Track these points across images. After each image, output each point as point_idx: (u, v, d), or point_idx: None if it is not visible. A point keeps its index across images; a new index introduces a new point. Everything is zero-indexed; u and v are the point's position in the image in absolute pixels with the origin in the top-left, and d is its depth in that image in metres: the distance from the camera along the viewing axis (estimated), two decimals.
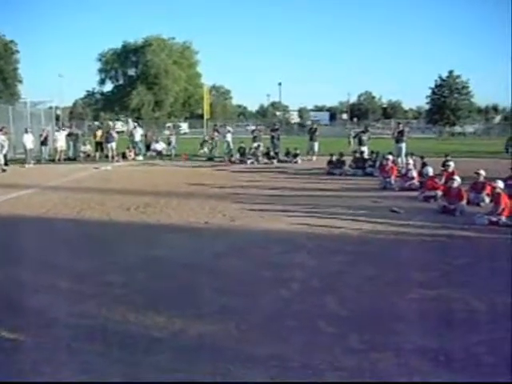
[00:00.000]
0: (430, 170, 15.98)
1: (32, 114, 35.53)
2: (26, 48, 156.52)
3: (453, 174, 15.45)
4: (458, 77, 76.17)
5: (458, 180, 13.66)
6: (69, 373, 4.84)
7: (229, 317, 6.13)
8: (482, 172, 14.52)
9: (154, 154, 30.84)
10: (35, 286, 7.35)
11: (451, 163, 16.96)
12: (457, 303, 6.57)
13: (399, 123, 28.73)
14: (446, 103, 74.12)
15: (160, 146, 31.40)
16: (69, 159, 29.52)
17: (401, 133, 24.48)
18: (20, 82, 72.63)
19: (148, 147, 31.68)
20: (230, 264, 8.43)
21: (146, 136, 32.42)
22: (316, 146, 29.00)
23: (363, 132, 27.43)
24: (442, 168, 17.05)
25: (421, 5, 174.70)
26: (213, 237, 10.47)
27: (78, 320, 6.05)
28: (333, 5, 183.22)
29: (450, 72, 76.52)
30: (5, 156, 25.04)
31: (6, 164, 24.80)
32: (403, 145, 23.87)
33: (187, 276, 7.81)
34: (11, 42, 69.83)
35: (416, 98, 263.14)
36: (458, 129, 71.70)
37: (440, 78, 76.79)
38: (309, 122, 63.13)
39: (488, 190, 13.74)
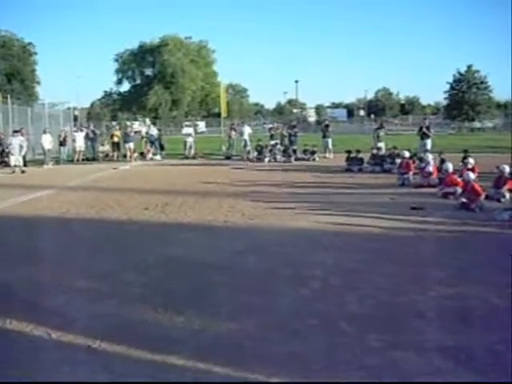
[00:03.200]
0: (450, 166, 15.82)
1: (50, 115, 35.85)
2: (44, 50, 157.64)
3: (473, 170, 15.31)
4: (477, 71, 75.34)
5: (471, 175, 13.53)
6: (88, 372, 4.85)
7: (248, 316, 6.12)
8: (507, 168, 14.29)
9: (171, 153, 30.85)
10: (55, 286, 7.39)
11: (471, 159, 16.79)
12: (476, 300, 6.49)
13: (425, 118, 28.48)
14: (465, 98, 73.31)
15: None
16: (87, 159, 29.75)
17: (427, 128, 24.31)
18: (38, 83, 73.32)
19: (162, 147, 31.69)
20: (249, 263, 8.40)
21: (160, 135, 32.35)
22: (330, 142, 28.81)
23: (379, 128, 27.24)
24: (462, 164, 16.89)
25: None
26: (232, 235, 10.46)
27: (97, 320, 6.06)
28: (349, 1, 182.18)
29: (469, 67, 75.72)
30: (24, 157, 25.25)
31: (24, 165, 25.00)
32: (428, 141, 23.71)
33: (206, 275, 7.79)
34: (29, 44, 70.48)
35: (434, 94, 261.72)
36: (477, 124, 70.84)
37: (458, 72, 76.00)
38: (322, 119, 62.92)
39: (510, 185, 13.59)
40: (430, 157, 18.23)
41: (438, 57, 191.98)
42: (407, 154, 19.01)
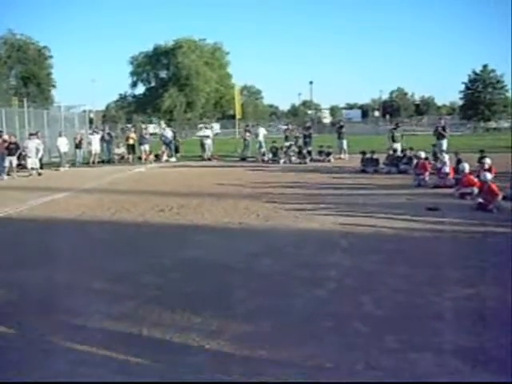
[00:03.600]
0: (466, 167, 15.72)
1: (66, 117, 36.07)
2: (59, 53, 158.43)
3: (490, 170, 15.19)
4: (493, 71, 74.85)
5: (488, 176, 13.44)
6: (105, 373, 4.88)
7: (264, 317, 6.13)
8: None
9: (186, 155, 30.88)
10: (73, 288, 7.45)
11: (487, 159, 16.66)
12: (494, 301, 6.45)
13: (440, 118, 28.32)
14: (481, 98, 72.86)
15: None
16: (103, 162, 29.90)
17: (443, 129, 24.20)
18: (54, 86, 73.79)
19: (177, 149, 31.76)
20: (264, 264, 8.42)
21: (174, 137, 32.38)
22: (345, 143, 28.65)
23: (394, 129, 27.05)
24: (478, 164, 16.77)
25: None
26: (247, 237, 10.47)
27: (114, 321, 6.10)
28: (363, 2, 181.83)
29: (484, 66, 75.25)
30: (40, 160, 25.43)
31: (41, 168, 25.17)
32: (444, 141, 23.61)
33: (223, 276, 7.83)
34: (44, 47, 70.96)
35: (449, 94, 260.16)
36: (492, 124, 70.26)
37: (474, 72, 75.55)
38: (336, 120, 62.79)
39: None
40: (446, 157, 18.11)
41: (452, 57, 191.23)
42: (423, 155, 18.88)
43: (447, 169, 17.17)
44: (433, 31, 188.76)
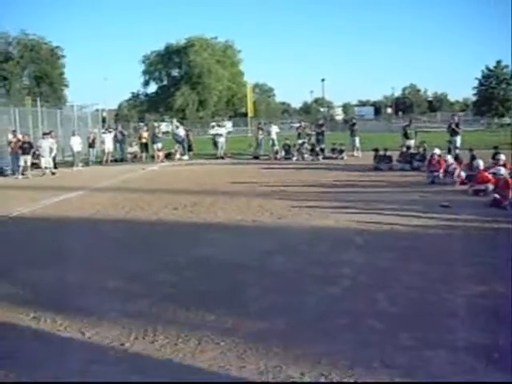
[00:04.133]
0: (481, 163, 15.62)
1: (79, 117, 36.26)
2: (71, 52, 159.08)
3: (504, 166, 15.10)
4: (506, 67, 74.47)
5: (502, 170, 13.37)
6: (119, 372, 4.91)
7: (278, 315, 6.13)
8: None
9: (199, 153, 30.94)
10: (88, 286, 7.50)
11: (502, 156, 16.55)
12: (507, 299, 6.41)
13: (454, 115, 28.20)
14: (494, 94, 72.51)
15: None
16: (115, 161, 29.98)
17: (457, 125, 24.10)
18: (66, 86, 74.50)
19: (190, 147, 31.83)
20: (278, 262, 8.43)
21: (188, 136, 32.47)
22: (357, 141, 28.59)
23: (408, 125, 26.86)
24: (492, 160, 16.66)
25: None
26: (260, 235, 10.49)
27: (129, 319, 6.12)
28: (375, 1, 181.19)
29: (498, 62, 74.86)
30: (54, 159, 25.57)
31: (55, 167, 25.31)
32: (458, 138, 23.51)
33: (236, 274, 7.84)
34: (57, 47, 71.54)
35: (462, 90, 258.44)
36: (507, 120, 69.60)
37: (487, 68, 75.18)
38: (349, 117, 62.60)
39: None
40: (448, 157, 18.04)
41: (465, 52, 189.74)
42: (437, 151, 18.76)
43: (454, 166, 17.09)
44: (446, 27, 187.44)
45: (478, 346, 5.15)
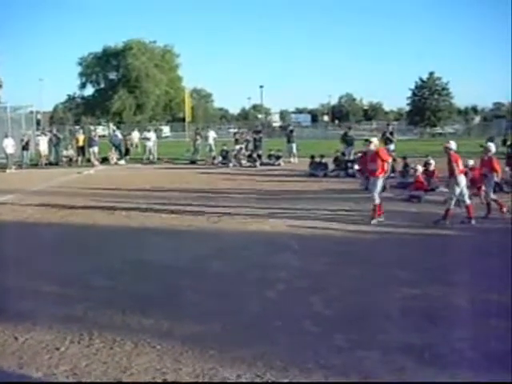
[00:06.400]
0: (420, 168, 16.23)
1: (12, 118, 35.28)
2: (6, 52, 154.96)
3: (433, 173, 15.79)
4: (439, 78, 76.74)
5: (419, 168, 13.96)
6: (54, 376, 4.87)
7: (215, 318, 6.20)
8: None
9: (136, 157, 30.75)
10: (23, 291, 7.37)
11: (432, 161, 17.15)
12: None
13: (388, 124, 28.78)
14: (427, 104, 74.60)
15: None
16: (50, 164, 29.36)
17: (391, 134, 24.63)
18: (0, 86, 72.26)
19: (127, 151, 31.50)
20: (214, 266, 8.48)
21: (125, 140, 32.20)
22: (294, 147, 28.88)
23: (346, 133, 26.91)
24: (424, 168, 17.15)
25: (402, 7, 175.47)
26: (195, 239, 10.53)
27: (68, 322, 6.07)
28: (314, 7, 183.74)
29: (431, 74, 77.06)
30: None
31: None
32: (392, 146, 24.01)
33: (173, 278, 7.87)
34: None
35: (397, 100, 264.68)
36: (438, 130, 71.94)
37: (420, 79, 77.31)
38: (286, 124, 63.18)
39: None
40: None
41: (400, 63, 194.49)
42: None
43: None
44: (381, 38, 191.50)
45: (410, 346, 5.35)
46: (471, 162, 15.00)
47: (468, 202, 11.54)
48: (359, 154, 19.18)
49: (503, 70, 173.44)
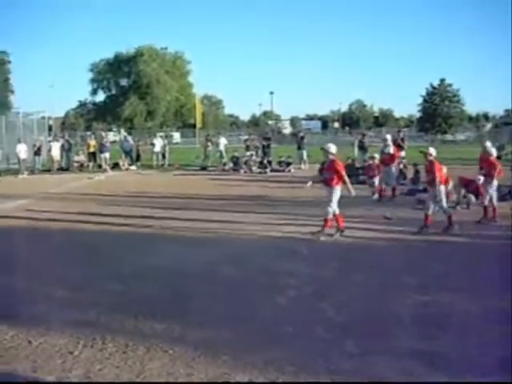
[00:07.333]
0: None
1: (24, 124, 35.50)
2: (18, 58, 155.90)
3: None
4: (450, 85, 76.73)
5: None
6: (69, 379, 4.93)
7: (227, 323, 6.25)
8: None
9: (147, 163, 30.86)
10: (36, 296, 7.44)
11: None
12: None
13: (399, 131, 28.62)
14: (438, 111, 74.57)
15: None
16: (62, 169, 29.52)
17: (402, 140, 24.57)
18: (12, 92, 72.67)
19: (138, 157, 31.72)
20: (225, 272, 8.53)
21: (137, 146, 32.42)
22: (305, 154, 28.86)
23: (362, 139, 26.93)
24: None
25: (412, 14, 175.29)
26: (206, 246, 10.57)
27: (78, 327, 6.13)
28: (324, 14, 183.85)
29: (442, 80, 77.08)
30: None
31: None
32: (403, 153, 23.95)
33: (182, 282, 7.92)
34: (3, 52, 69.94)
35: (407, 107, 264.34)
36: (449, 137, 71.63)
37: (431, 86, 77.32)
38: (296, 131, 63.17)
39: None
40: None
41: (411, 70, 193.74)
42: (377, 156, 18.96)
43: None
44: (392, 44, 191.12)
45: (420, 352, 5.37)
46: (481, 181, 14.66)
47: (449, 211, 11.63)
48: (370, 162, 19.15)
49: None
